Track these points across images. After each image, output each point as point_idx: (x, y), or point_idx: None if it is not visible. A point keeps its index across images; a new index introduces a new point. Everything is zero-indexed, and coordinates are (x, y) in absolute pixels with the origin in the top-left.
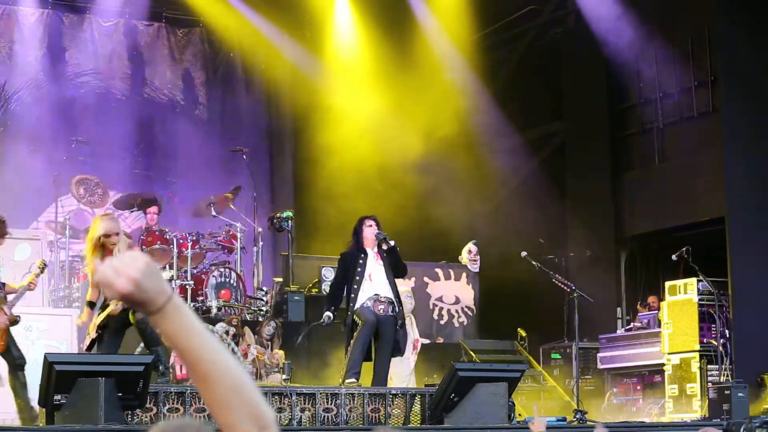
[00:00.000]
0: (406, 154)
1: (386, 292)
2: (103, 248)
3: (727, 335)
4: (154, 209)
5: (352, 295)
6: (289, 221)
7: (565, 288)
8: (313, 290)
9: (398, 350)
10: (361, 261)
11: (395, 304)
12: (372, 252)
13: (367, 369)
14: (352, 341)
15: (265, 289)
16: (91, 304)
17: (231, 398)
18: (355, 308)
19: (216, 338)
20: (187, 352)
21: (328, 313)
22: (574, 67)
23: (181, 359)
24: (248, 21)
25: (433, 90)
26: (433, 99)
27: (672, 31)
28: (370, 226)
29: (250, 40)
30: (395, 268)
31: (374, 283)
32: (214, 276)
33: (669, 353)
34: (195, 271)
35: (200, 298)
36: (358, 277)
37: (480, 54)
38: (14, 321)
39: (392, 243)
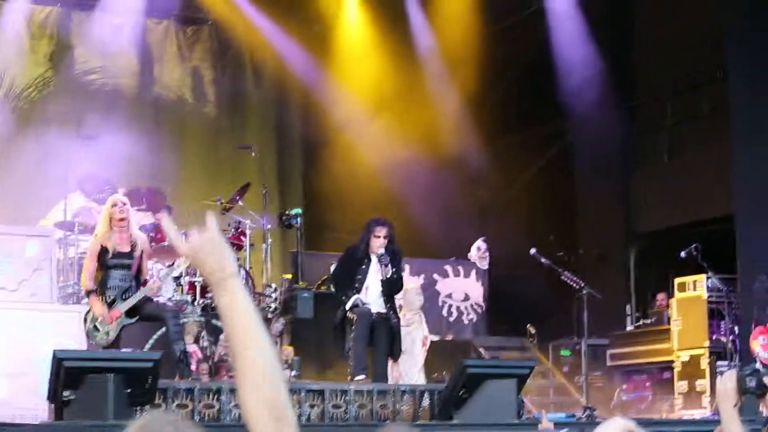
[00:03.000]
0: (415, 150)
1: (379, 308)
2: (111, 220)
3: (736, 332)
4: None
5: (344, 297)
6: (299, 218)
7: (574, 285)
8: (322, 287)
9: (392, 354)
10: (363, 267)
11: (388, 314)
12: (375, 260)
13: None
14: (353, 335)
15: (273, 285)
16: (92, 292)
17: (257, 381)
18: (342, 312)
19: (264, 330)
20: (232, 327)
21: (355, 296)
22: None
23: (226, 333)
24: (256, 19)
25: (441, 86)
26: (441, 95)
27: (683, 27)
28: (378, 237)
29: (259, 38)
30: (388, 287)
31: (369, 296)
32: None
33: (678, 350)
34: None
35: (209, 295)
36: (357, 284)
37: (490, 50)
38: None
39: (388, 274)
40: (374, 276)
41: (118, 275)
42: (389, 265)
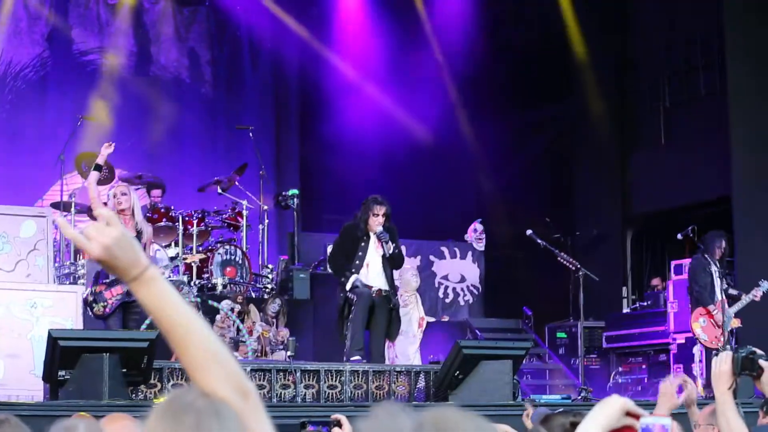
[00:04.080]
0: (413, 132)
1: (381, 284)
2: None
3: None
4: (157, 192)
5: (342, 279)
6: (295, 199)
7: (571, 267)
8: (319, 268)
9: (389, 334)
10: (362, 245)
11: (390, 292)
12: (374, 238)
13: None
14: (351, 316)
15: (270, 266)
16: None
17: (207, 364)
18: (345, 290)
19: (192, 310)
20: (162, 320)
21: (353, 277)
22: (583, 46)
23: (160, 327)
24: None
25: (440, 68)
26: (440, 76)
27: (681, 9)
28: (377, 216)
29: (257, 18)
30: (391, 263)
31: (370, 273)
32: (219, 253)
33: (674, 332)
34: (201, 249)
35: (206, 276)
36: (357, 261)
37: (489, 32)
38: None
39: (390, 250)
40: (374, 253)
41: None
42: (389, 242)
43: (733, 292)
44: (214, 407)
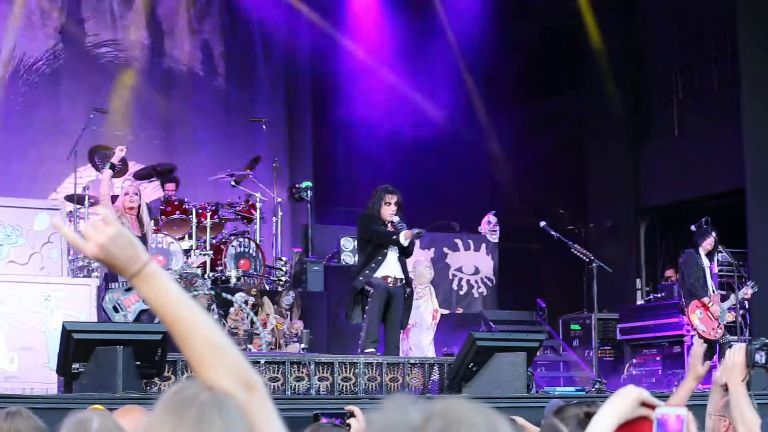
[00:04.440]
0: (426, 124)
1: (397, 273)
2: (123, 207)
3: (746, 306)
4: (171, 186)
5: (372, 264)
6: (309, 191)
7: (585, 258)
8: (333, 260)
9: (402, 321)
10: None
11: (405, 281)
12: (388, 226)
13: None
14: (366, 308)
15: (284, 259)
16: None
17: (211, 358)
18: (365, 279)
19: (195, 304)
20: (164, 315)
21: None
22: (596, 38)
23: (164, 322)
24: None
25: (453, 59)
26: (453, 68)
27: (694, 2)
28: (389, 204)
29: (269, 10)
30: (403, 250)
31: (387, 263)
32: (233, 246)
33: (688, 324)
34: (214, 241)
35: (219, 268)
36: (383, 251)
37: (503, 21)
38: None
39: (412, 240)
40: None
41: None
42: (406, 232)
43: (721, 292)
44: (216, 400)
